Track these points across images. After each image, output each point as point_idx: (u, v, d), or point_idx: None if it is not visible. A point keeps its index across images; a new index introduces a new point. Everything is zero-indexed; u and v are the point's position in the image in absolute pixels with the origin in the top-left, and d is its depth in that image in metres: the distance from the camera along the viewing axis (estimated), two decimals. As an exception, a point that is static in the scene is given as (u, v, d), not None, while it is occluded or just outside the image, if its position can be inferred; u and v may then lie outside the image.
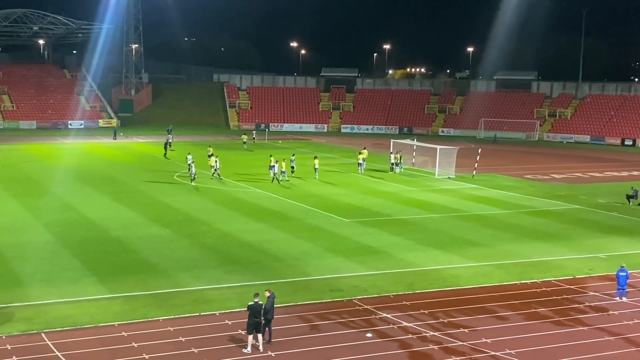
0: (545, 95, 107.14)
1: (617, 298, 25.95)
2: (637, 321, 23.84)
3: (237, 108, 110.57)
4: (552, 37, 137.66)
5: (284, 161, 52.67)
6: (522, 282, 28.08)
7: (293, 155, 57.29)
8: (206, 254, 31.14)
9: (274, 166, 51.27)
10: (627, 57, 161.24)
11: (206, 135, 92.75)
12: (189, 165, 50.52)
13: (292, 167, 54.48)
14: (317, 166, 54.66)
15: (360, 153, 59.99)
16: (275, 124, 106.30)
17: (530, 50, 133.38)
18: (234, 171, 56.37)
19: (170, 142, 59.10)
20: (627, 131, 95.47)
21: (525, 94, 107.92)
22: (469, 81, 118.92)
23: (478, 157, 58.94)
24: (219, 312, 23.58)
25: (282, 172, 51.50)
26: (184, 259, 30.08)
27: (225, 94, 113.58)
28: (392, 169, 59.10)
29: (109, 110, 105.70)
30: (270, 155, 54.30)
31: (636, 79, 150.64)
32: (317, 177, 53.25)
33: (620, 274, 25.98)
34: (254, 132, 66.98)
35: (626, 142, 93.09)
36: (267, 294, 21.16)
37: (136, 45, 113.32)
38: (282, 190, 47.77)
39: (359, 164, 58.49)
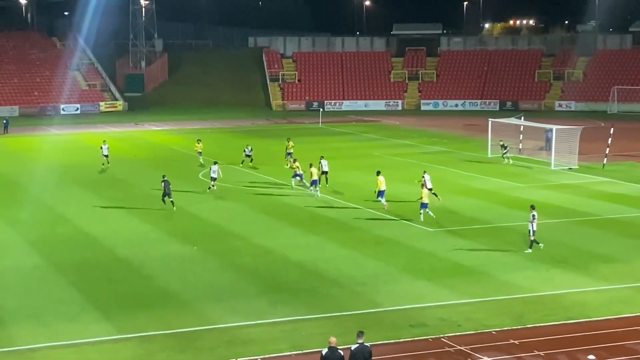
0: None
1: None
2: None
3: (280, 82, 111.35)
4: None
5: (312, 166, 47.33)
6: (675, 311, 27.49)
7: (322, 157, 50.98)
8: (242, 279, 31.33)
9: (299, 174, 48.09)
10: None
11: (240, 119, 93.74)
12: (212, 178, 48.88)
13: (325, 172, 49.61)
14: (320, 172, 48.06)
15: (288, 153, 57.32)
16: (332, 102, 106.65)
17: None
18: (277, 166, 56.69)
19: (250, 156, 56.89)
20: None
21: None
22: (596, 36, 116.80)
23: (610, 139, 58.00)
24: (260, 356, 23.71)
25: (313, 181, 46.76)
26: (214, 287, 30.32)
27: (265, 64, 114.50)
28: (504, 157, 58.55)
29: (113, 89, 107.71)
30: (294, 159, 51.70)
31: None
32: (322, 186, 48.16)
33: None
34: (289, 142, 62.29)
35: None
36: (332, 342, 20.48)
37: (146, 2, 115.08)
38: (341, 191, 47.84)
39: (296, 176, 49.46)
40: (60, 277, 31.52)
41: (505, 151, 58.84)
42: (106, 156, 56.09)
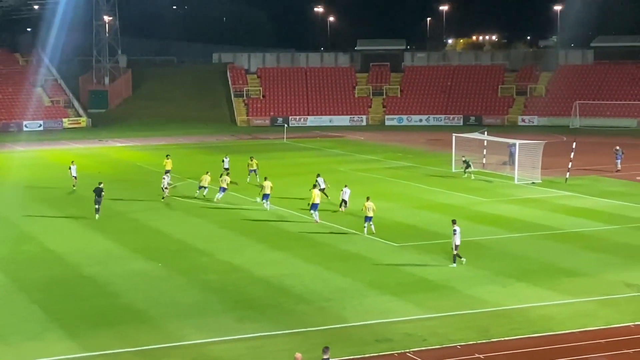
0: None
1: None
2: None
3: (245, 98, 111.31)
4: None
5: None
6: (637, 323, 27.73)
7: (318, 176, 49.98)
8: (208, 295, 31.25)
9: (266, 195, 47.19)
10: None
11: (205, 134, 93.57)
12: (164, 189, 50.14)
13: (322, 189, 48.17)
14: (267, 191, 47.29)
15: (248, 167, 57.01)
16: (297, 118, 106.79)
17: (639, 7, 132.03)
18: (242, 182, 56.65)
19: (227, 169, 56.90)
20: None
21: (635, 66, 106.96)
22: (557, 51, 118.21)
23: (572, 154, 58.56)
24: (227, 373, 23.65)
25: (264, 195, 47.08)
26: (180, 304, 30.20)
27: (229, 80, 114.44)
28: (465, 172, 58.93)
29: (76, 105, 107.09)
30: (227, 173, 52.46)
31: None
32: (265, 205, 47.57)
33: None
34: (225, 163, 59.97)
35: None
36: (298, 358, 20.55)
37: (110, 19, 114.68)
38: (306, 206, 47.86)
39: (222, 190, 50.03)
40: (24, 295, 31.24)
41: (466, 166, 59.11)
42: (75, 177, 55.45)
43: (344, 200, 46.66)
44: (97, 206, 45.31)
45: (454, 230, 34.88)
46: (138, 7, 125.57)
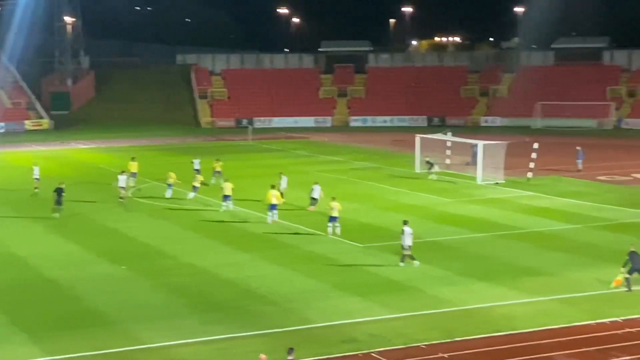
0: (622, 68, 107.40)
1: None
2: None
3: (209, 99, 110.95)
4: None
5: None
6: (598, 322, 28.08)
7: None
8: (173, 298, 31.16)
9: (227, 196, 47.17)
10: None
11: (169, 136, 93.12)
12: (120, 187, 49.84)
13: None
14: (227, 193, 47.15)
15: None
16: (262, 119, 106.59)
17: (600, 8, 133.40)
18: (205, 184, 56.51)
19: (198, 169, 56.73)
20: None
21: (595, 67, 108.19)
22: (519, 53, 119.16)
23: (535, 154, 59.04)
24: (192, 376, 23.64)
25: (224, 196, 47.00)
26: (144, 306, 30.10)
27: (193, 81, 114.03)
28: (430, 173, 59.15)
29: (39, 107, 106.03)
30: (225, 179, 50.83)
31: None
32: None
33: None
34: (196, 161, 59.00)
35: None
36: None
37: (72, 20, 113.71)
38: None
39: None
40: (-14, 299, 30.99)
41: (430, 167, 59.35)
42: (37, 179, 54.87)
43: (313, 198, 46.70)
44: (56, 206, 45.27)
45: (403, 231, 35.13)
46: (101, 8, 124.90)
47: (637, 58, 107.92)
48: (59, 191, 45.72)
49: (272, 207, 43.93)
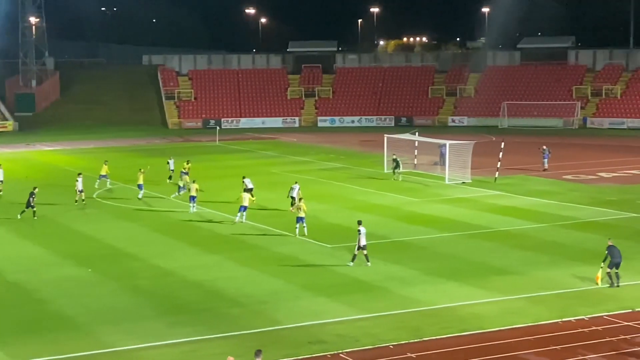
0: (587, 67, 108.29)
1: None
2: None
3: (176, 100, 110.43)
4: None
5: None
6: (564, 320, 28.26)
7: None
8: (140, 300, 30.97)
9: (182, 187, 50.76)
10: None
11: (136, 137, 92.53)
12: (79, 191, 49.85)
13: (250, 189, 49.16)
14: (193, 194, 47.37)
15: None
16: (229, 120, 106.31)
17: (565, 9, 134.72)
18: (172, 185, 56.21)
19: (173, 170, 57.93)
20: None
21: (560, 67, 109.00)
22: (486, 52, 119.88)
23: (501, 153, 59.39)
24: (159, 379, 23.48)
25: (191, 197, 47.48)
26: (110, 309, 29.87)
27: (160, 82, 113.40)
28: (394, 174, 59.14)
29: (2, 109, 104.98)
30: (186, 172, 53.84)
31: None
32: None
33: None
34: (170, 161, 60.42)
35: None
36: None
37: (36, 20, 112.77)
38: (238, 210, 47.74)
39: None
40: (-51, 304, 30.60)
41: (395, 166, 59.25)
42: (1, 181, 54.22)
43: (292, 197, 46.31)
44: (26, 208, 45.08)
45: (359, 231, 35.20)
46: (65, 9, 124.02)
47: (602, 58, 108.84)
48: (31, 194, 45.39)
49: (243, 208, 43.89)
